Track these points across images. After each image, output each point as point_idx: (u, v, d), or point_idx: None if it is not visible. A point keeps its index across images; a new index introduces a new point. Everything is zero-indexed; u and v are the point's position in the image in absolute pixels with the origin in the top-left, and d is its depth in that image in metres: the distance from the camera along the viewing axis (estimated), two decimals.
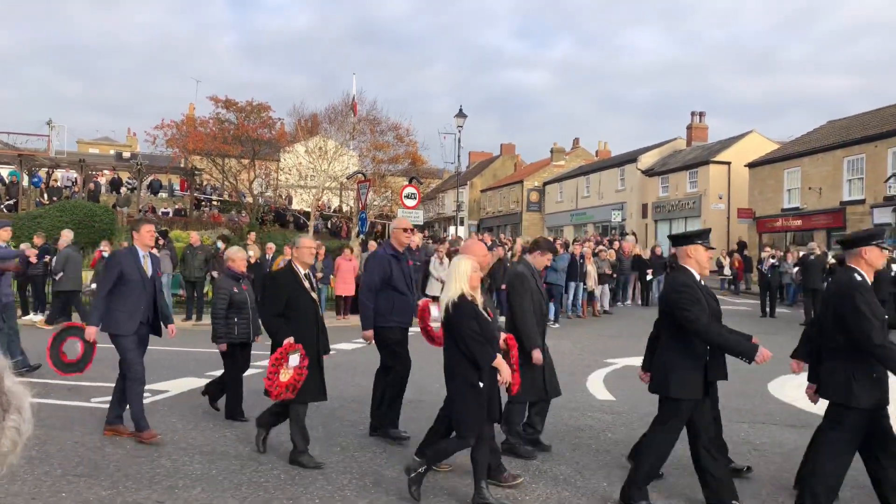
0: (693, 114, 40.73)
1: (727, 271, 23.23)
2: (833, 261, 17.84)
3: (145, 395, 7.75)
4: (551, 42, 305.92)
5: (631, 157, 41.58)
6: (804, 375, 5.10)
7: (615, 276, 18.50)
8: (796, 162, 29.13)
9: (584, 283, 16.82)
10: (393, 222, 6.99)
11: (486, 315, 4.75)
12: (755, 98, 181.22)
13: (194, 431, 6.35)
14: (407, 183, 22.27)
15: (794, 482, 5.19)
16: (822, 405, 4.66)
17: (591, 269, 16.97)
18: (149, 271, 6.14)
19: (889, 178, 23.40)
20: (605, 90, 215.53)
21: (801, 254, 17.03)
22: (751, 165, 31.72)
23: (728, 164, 33.87)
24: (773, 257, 18.12)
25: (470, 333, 4.56)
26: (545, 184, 50.47)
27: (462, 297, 4.65)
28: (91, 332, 6.03)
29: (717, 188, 33.80)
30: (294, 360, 5.30)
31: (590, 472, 5.50)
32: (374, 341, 6.33)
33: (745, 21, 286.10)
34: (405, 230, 6.59)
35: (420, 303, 6.54)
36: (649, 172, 39.13)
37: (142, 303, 6.05)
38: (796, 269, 17.26)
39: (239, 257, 7.34)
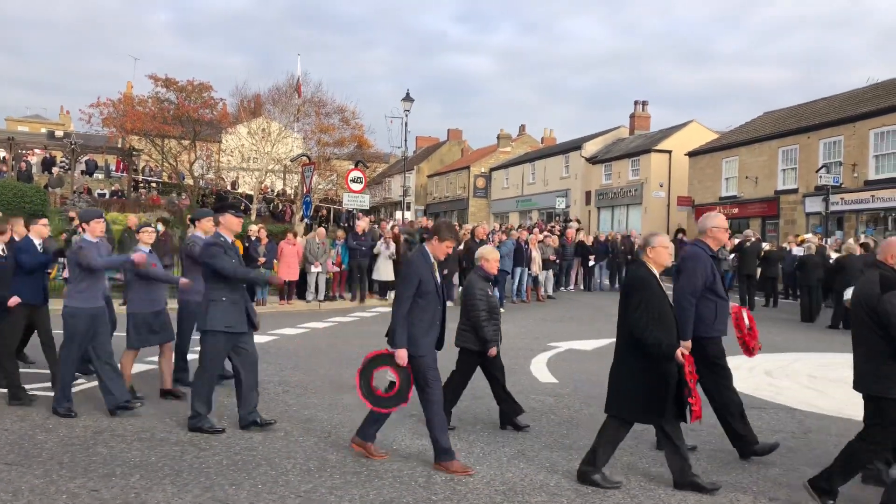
0: (636, 102, 41.44)
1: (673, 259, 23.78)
2: (767, 247, 18.51)
3: (81, 381, 7.51)
4: (493, 27, 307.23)
5: (575, 145, 42.06)
6: (753, 359, 5.24)
7: (559, 261, 18.77)
8: (734, 151, 29.95)
9: (529, 269, 17.01)
10: (711, 220, 5.81)
11: None
12: (694, 88, 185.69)
13: (132, 418, 6.19)
14: (353, 167, 22.05)
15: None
16: (770, 386, 4.82)
17: (535, 254, 17.17)
18: (438, 280, 5.34)
19: (820, 168, 24.27)
20: (547, 77, 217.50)
21: (738, 241, 17.54)
22: (691, 154, 32.48)
23: (669, 152, 34.58)
24: None
25: None
26: (492, 170, 50.67)
27: None
28: (401, 356, 5.09)
29: (659, 176, 34.50)
30: None
31: (533, 453, 5.58)
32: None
33: (682, 12, 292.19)
34: (727, 230, 5.87)
35: (734, 308, 5.84)
36: (593, 160, 39.67)
37: (437, 317, 5.29)
38: (733, 255, 17.78)
39: (494, 258, 6.47)
